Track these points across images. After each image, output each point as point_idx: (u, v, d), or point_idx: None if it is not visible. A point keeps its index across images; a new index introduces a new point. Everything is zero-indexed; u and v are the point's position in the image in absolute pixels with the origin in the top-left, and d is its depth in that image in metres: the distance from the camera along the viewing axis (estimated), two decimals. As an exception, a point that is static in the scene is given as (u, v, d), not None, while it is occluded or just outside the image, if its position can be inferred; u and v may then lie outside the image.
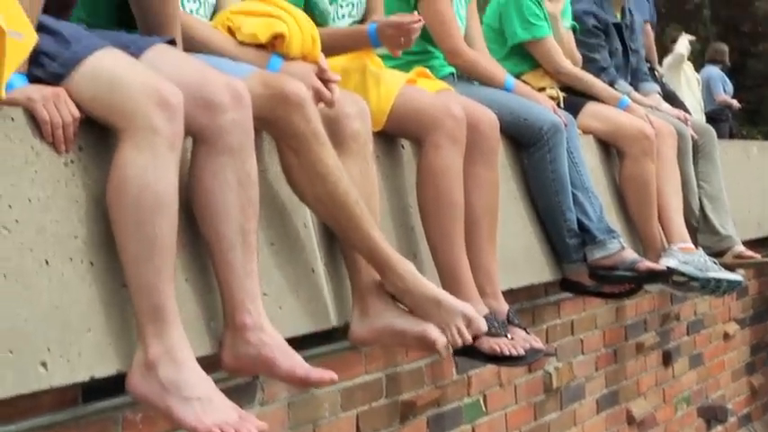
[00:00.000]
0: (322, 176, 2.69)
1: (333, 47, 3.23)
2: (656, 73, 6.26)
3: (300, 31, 2.86)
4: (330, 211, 2.76)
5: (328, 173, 2.69)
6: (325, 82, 2.83)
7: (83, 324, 2.15)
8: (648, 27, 6.45)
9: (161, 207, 2.16)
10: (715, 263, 4.73)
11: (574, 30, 5.07)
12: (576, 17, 5.10)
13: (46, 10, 2.29)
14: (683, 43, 10.28)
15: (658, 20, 7.95)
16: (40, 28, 2.16)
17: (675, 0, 23.08)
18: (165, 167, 2.16)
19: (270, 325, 2.43)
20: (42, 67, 2.19)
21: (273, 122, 2.63)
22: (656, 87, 5.63)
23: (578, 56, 5.01)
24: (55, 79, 2.19)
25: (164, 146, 2.15)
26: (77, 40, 2.23)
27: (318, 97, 2.79)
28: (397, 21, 3.28)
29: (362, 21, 3.55)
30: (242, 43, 2.85)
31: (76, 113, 2.17)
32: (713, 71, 12.24)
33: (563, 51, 4.86)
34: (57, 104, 2.14)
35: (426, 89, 3.52)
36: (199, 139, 2.36)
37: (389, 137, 3.45)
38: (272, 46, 2.86)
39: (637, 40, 5.54)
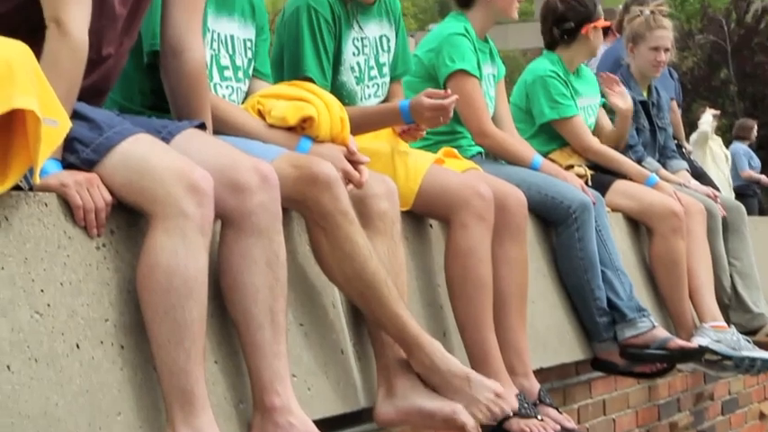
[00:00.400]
0: (350, 255, 2.70)
1: (363, 124, 3.30)
2: (683, 150, 6.26)
3: (329, 114, 2.91)
4: (358, 290, 2.77)
5: (357, 252, 2.70)
6: (355, 164, 2.87)
7: (113, 407, 2.15)
8: (674, 104, 6.47)
9: (190, 292, 2.17)
10: (748, 341, 4.68)
11: (603, 106, 5.11)
12: (603, 95, 5.14)
13: (81, 96, 2.35)
14: (707, 119, 10.33)
15: (685, 96, 7.98)
16: (74, 115, 2.21)
17: (701, 76, 23.19)
18: (195, 252, 2.18)
19: (298, 407, 2.42)
20: (76, 153, 2.24)
21: (303, 202, 2.66)
22: (685, 164, 5.63)
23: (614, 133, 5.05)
24: (88, 165, 2.24)
25: (194, 230, 2.18)
26: (110, 126, 2.28)
27: (348, 179, 2.82)
28: (436, 103, 3.32)
29: (385, 100, 3.61)
30: (272, 126, 2.90)
31: (108, 198, 2.21)
32: (740, 147, 12.28)
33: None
34: (89, 189, 2.18)
35: (453, 169, 3.55)
36: (227, 221, 2.39)
37: (418, 216, 3.47)
38: (302, 129, 2.91)
39: (664, 118, 5.55)
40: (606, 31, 5.03)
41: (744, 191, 11.24)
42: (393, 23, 3.66)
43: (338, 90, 3.40)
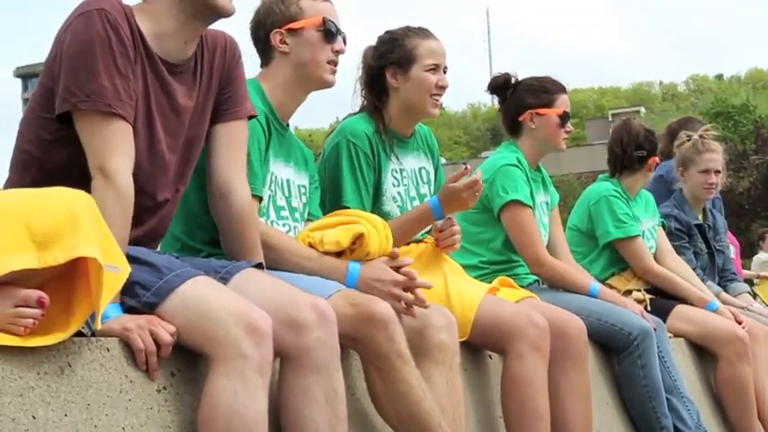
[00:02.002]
0: (404, 396, 2.70)
1: (402, 232, 3.36)
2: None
3: (377, 231, 2.97)
4: (412, 431, 2.75)
5: (411, 392, 2.70)
6: (409, 287, 2.92)
7: None
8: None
9: None
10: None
11: (662, 226, 5.09)
12: (661, 217, 5.13)
13: (138, 242, 2.41)
14: None
15: (742, 216, 7.94)
16: (134, 259, 2.26)
17: (758, 196, 23.05)
18: (255, 393, 2.19)
19: None
20: (137, 297, 2.28)
21: (359, 341, 2.68)
22: (746, 287, 5.56)
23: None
24: (148, 308, 2.28)
25: (253, 371, 2.19)
26: (170, 269, 2.33)
27: (405, 288, 2.87)
28: (469, 181, 3.39)
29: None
30: (325, 253, 2.95)
31: (173, 329, 2.23)
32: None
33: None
34: (152, 330, 2.21)
35: (509, 298, 3.55)
36: (286, 358, 2.40)
37: (476, 348, 3.46)
38: (351, 251, 2.96)
39: (721, 240, 5.52)
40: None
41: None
42: (431, 158, 3.74)
43: (378, 213, 3.47)
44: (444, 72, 3.59)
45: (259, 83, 3.11)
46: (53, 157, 2.48)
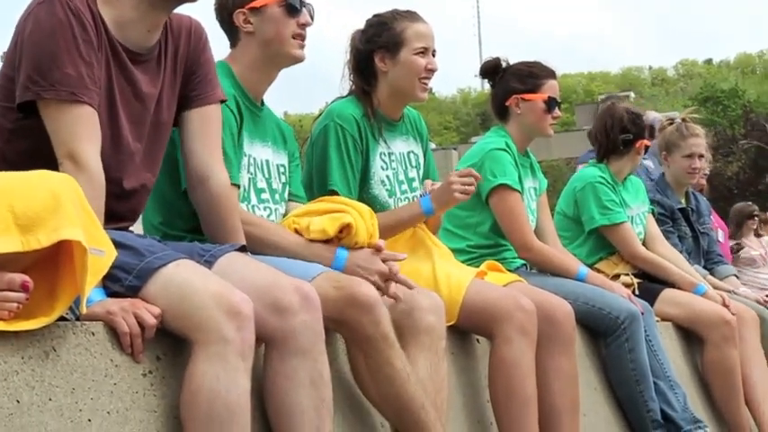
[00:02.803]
0: (389, 378, 2.70)
1: (391, 228, 3.36)
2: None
3: (364, 220, 2.96)
4: (396, 413, 2.76)
5: (395, 375, 2.70)
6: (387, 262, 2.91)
7: None
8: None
9: (232, 417, 2.17)
10: (810, 450, 4.56)
11: (652, 212, 5.10)
12: (651, 203, 5.13)
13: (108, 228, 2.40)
14: None
15: (731, 201, 7.94)
16: (115, 244, 2.25)
17: (747, 180, 23.12)
18: (236, 377, 2.18)
19: None
20: (119, 282, 2.27)
21: (343, 323, 2.67)
22: (733, 270, 5.58)
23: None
24: (132, 292, 2.27)
25: (234, 355, 2.18)
26: (151, 252, 2.33)
27: (385, 279, 2.86)
28: (464, 170, 3.44)
29: None
30: (311, 240, 2.94)
31: (157, 311, 2.23)
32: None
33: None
34: (135, 313, 2.20)
35: (495, 282, 3.55)
36: (270, 342, 2.39)
37: (464, 332, 3.46)
38: (338, 239, 2.96)
39: (705, 223, 5.53)
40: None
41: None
42: (420, 142, 3.73)
43: (371, 203, 3.47)
44: (433, 55, 3.58)
45: (228, 65, 3.09)
46: (15, 146, 2.48)
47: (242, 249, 2.59)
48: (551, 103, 4.16)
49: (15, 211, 1.96)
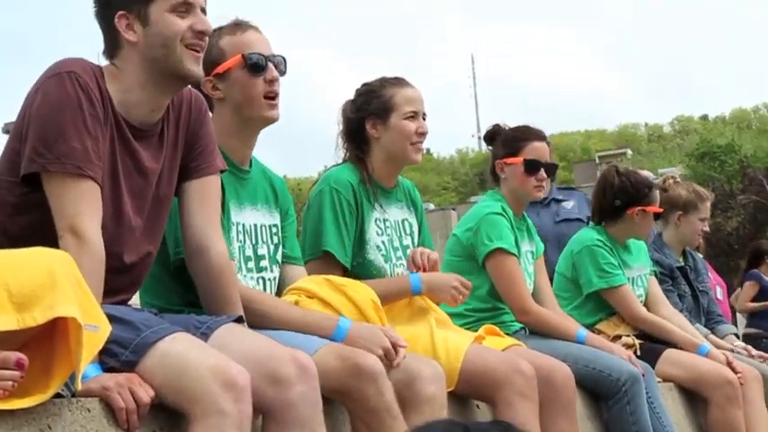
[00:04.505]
0: None
1: (378, 296, 3.31)
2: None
3: (360, 310, 2.96)
4: None
5: None
6: (394, 346, 2.88)
7: None
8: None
9: None
10: None
11: (654, 274, 5.08)
12: (653, 263, 5.12)
13: (108, 302, 2.39)
14: None
15: (732, 256, 7.95)
16: (112, 318, 2.25)
17: (746, 235, 23.10)
18: None
19: None
20: (115, 357, 2.27)
21: (348, 395, 2.66)
22: (733, 329, 5.55)
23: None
24: (128, 367, 2.26)
25: (232, 427, 2.17)
26: (148, 326, 2.32)
27: (387, 358, 2.83)
28: (466, 284, 3.38)
29: None
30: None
31: (152, 393, 2.22)
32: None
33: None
34: (132, 389, 2.19)
35: (495, 347, 3.54)
36: (268, 413, 2.38)
37: (463, 398, 3.44)
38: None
39: (704, 281, 5.52)
40: (657, 215, 5.03)
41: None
42: (414, 211, 3.76)
43: (367, 268, 3.48)
44: (423, 118, 3.62)
45: None
46: (18, 221, 2.49)
47: (238, 320, 2.59)
48: (530, 165, 4.17)
49: (11, 289, 1.96)
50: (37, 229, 2.43)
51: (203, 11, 2.60)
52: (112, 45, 2.58)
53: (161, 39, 2.54)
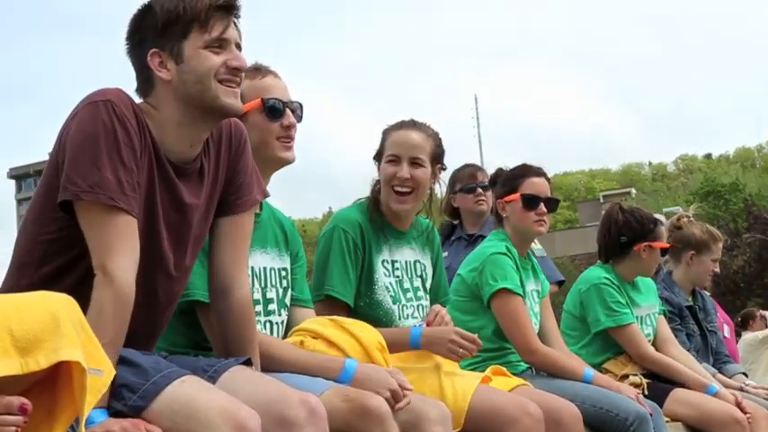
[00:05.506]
0: None
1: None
2: None
3: (366, 351, 2.95)
4: None
5: None
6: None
7: None
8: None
9: None
10: None
11: (663, 314, 5.06)
12: (662, 302, 5.10)
13: (135, 340, 2.38)
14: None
15: (738, 294, 7.94)
16: (121, 360, 2.24)
17: (753, 274, 23.04)
18: None
19: None
20: (123, 401, 2.25)
21: None
22: (741, 368, 5.52)
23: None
24: (135, 411, 2.25)
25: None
26: (157, 370, 2.31)
27: (394, 399, 2.81)
28: (468, 334, 3.36)
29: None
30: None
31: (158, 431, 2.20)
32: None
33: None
34: None
35: (501, 387, 3.52)
36: None
37: (470, 440, 3.41)
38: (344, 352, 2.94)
39: (712, 321, 5.49)
40: (664, 251, 5.02)
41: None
42: (430, 252, 3.74)
43: (375, 308, 3.47)
44: (417, 164, 3.58)
45: None
46: (52, 259, 2.44)
47: (247, 363, 2.57)
48: (528, 200, 4.18)
49: (14, 333, 1.95)
50: (71, 266, 2.40)
51: (239, 47, 2.55)
52: (146, 83, 2.53)
53: (195, 75, 2.48)
